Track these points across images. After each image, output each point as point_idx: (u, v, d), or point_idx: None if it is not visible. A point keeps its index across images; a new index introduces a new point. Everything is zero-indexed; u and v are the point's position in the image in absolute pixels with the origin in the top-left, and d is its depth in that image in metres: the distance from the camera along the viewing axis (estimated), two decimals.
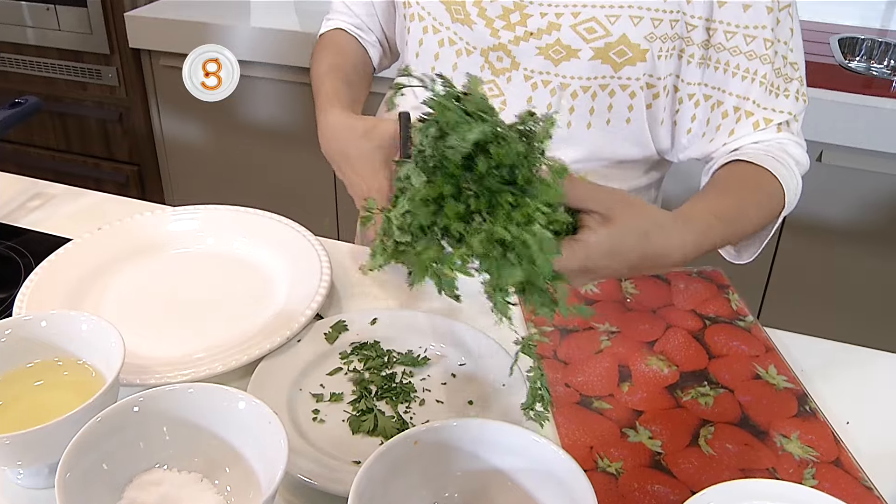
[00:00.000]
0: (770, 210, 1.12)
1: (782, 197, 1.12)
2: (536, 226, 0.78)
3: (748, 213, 1.08)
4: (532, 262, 0.78)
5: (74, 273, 1.19)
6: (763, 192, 1.11)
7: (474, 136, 0.78)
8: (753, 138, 1.18)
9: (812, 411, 1.01)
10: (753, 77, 1.15)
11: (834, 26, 2.64)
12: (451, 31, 1.25)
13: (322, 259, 1.20)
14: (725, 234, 1.03)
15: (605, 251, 0.86)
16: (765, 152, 1.15)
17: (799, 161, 1.18)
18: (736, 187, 1.11)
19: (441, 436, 0.79)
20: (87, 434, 0.75)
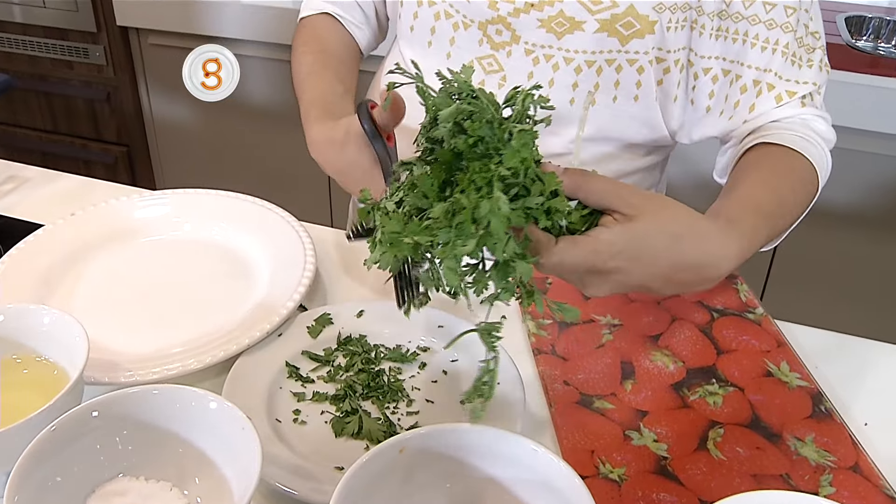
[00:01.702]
0: (806, 195, 1.05)
1: (816, 179, 1.06)
2: (496, 190, 0.70)
3: (787, 203, 1.00)
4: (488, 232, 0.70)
5: (44, 261, 1.13)
6: (797, 176, 1.04)
7: (447, 112, 0.75)
8: (776, 115, 1.12)
9: (828, 412, 0.95)
10: (774, 47, 1.10)
11: (841, 5, 2.60)
12: (447, 4, 1.19)
13: (306, 246, 1.14)
14: (770, 231, 0.94)
15: (618, 251, 0.77)
16: (791, 132, 1.08)
17: (826, 137, 1.12)
18: (770, 176, 1.03)
19: (429, 443, 0.73)
20: (41, 444, 0.69)
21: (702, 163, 1.29)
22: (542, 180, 0.74)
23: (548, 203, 0.74)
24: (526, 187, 0.73)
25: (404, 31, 1.27)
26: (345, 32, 1.33)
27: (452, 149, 0.74)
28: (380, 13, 1.37)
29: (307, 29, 1.32)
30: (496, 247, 0.70)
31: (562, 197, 0.75)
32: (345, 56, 1.29)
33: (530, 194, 0.73)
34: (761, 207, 0.92)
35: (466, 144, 0.74)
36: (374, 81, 1.42)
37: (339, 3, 1.33)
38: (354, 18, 1.34)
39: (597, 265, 0.77)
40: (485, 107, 0.75)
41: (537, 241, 0.75)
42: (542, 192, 0.73)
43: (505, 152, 0.72)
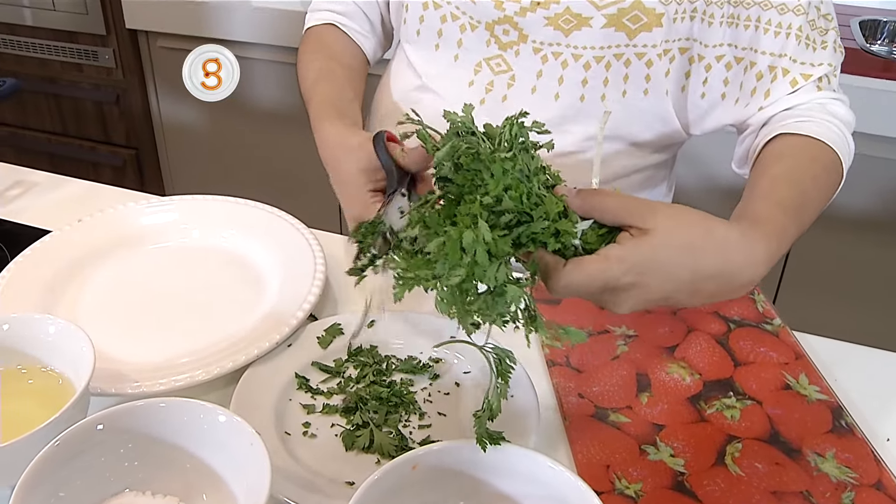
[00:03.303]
0: (831, 184, 1.03)
1: (840, 166, 1.05)
2: (480, 220, 0.71)
3: (811, 195, 0.97)
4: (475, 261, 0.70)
5: (51, 268, 1.12)
6: (820, 165, 1.02)
7: (443, 152, 0.77)
8: (792, 101, 1.11)
9: (849, 427, 0.93)
10: (788, 31, 1.09)
11: (855, 8, 2.58)
12: (453, 6, 1.18)
13: (316, 254, 1.13)
14: (798, 226, 0.91)
15: (630, 267, 0.75)
16: (808, 119, 1.07)
17: (846, 120, 1.10)
18: (792, 170, 1.01)
19: (442, 459, 0.71)
20: (45, 459, 0.68)
21: (711, 162, 1.28)
22: (544, 203, 0.73)
23: (554, 225, 0.74)
24: (528, 213, 0.73)
25: (410, 36, 1.26)
26: (351, 42, 1.32)
27: (457, 185, 0.76)
28: (385, 21, 1.36)
29: (314, 38, 1.32)
30: (484, 274, 0.70)
31: (570, 218, 0.75)
32: (353, 64, 1.28)
33: (534, 220, 0.73)
34: (787, 205, 0.90)
35: (465, 179, 0.75)
36: (380, 87, 1.41)
37: (344, 12, 1.33)
38: (360, 28, 1.33)
39: (609, 283, 0.75)
40: (478, 142, 0.76)
41: (545, 266, 0.75)
42: (545, 215, 0.73)
43: (489, 180, 0.73)
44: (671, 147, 1.30)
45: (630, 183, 1.27)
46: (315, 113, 1.12)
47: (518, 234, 0.73)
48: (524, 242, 0.74)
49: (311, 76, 1.22)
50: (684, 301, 0.79)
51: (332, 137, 1.04)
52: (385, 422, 0.90)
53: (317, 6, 1.36)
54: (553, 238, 0.74)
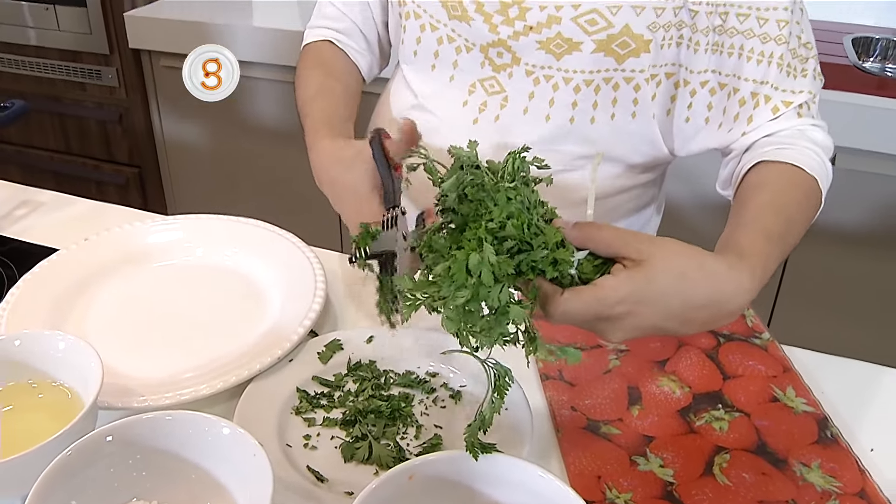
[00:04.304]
0: (811, 208, 1.07)
1: (819, 191, 1.08)
2: (485, 243, 0.75)
3: (794, 220, 1.01)
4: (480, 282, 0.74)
5: (58, 287, 1.15)
6: (801, 191, 1.06)
7: (449, 183, 0.80)
8: (773, 127, 1.14)
9: (834, 437, 0.96)
10: (770, 59, 1.12)
11: (848, 26, 2.63)
12: (449, 28, 1.22)
13: (316, 272, 1.16)
14: (781, 252, 0.95)
15: (624, 297, 0.79)
16: (789, 145, 1.10)
17: (824, 145, 1.13)
18: (775, 197, 1.04)
19: (438, 469, 0.74)
20: (56, 469, 0.71)
21: (702, 178, 1.30)
22: (543, 233, 0.77)
23: (552, 254, 0.78)
24: (529, 242, 0.77)
25: (407, 56, 1.30)
26: (348, 59, 1.36)
27: (461, 215, 0.80)
28: (382, 40, 1.40)
29: (312, 54, 1.36)
30: (489, 294, 0.74)
31: (568, 248, 0.79)
32: (348, 82, 1.32)
33: (534, 249, 0.77)
34: (770, 232, 0.94)
35: (470, 209, 0.79)
36: (379, 105, 1.45)
37: (342, 30, 1.36)
38: (357, 46, 1.37)
39: (603, 312, 0.79)
40: (482, 174, 0.80)
41: (544, 294, 0.79)
42: (544, 244, 0.77)
43: (493, 208, 0.77)
44: (658, 167, 1.33)
45: (619, 202, 1.31)
46: (311, 129, 1.16)
47: (519, 262, 0.77)
48: (524, 270, 0.78)
49: (310, 92, 1.25)
50: (676, 329, 0.83)
51: (327, 154, 1.08)
52: (383, 434, 0.93)
53: (316, 23, 1.40)
54: (551, 266, 0.78)
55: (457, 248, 0.76)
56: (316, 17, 1.40)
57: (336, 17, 1.37)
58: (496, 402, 0.79)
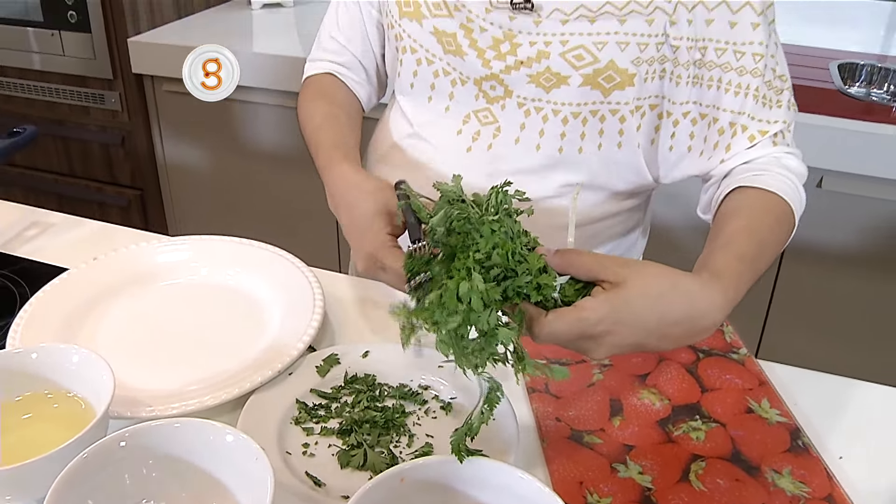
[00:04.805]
0: (784, 232, 1.12)
1: (792, 215, 1.13)
2: (474, 272, 0.81)
3: (767, 243, 1.07)
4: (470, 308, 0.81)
5: (69, 304, 1.19)
6: (774, 216, 1.11)
7: (437, 219, 0.87)
8: (750, 155, 1.19)
9: (805, 446, 1.01)
10: (747, 91, 1.17)
11: (834, 52, 2.67)
12: (445, 62, 1.27)
13: (315, 291, 1.21)
14: (754, 273, 1.01)
15: (603, 317, 0.85)
16: (765, 172, 1.16)
17: (798, 172, 1.18)
18: (749, 221, 1.10)
19: (428, 472, 0.79)
20: (73, 471, 0.76)
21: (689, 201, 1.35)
22: (527, 261, 0.84)
23: (536, 280, 0.84)
24: (514, 269, 0.83)
25: (404, 88, 1.35)
26: (348, 90, 1.42)
27: (450, 246, 0.86)
28: (380, 71, 1.46)
29: (315, 86, 1.41)
30: (479, 319, 0.80)
31: (550, 274, 0.85)
32: (351, 111, 1.37)
33: (519, 275, 0.83)
34: (744, 254, 0.99)
35: (458, 241, 0.85)
36: (377, 132, 1.50)
37: (343, 63, 1.42)
38: (357, 77, 1.43)
39: (586, 331, 0.85)
40: (468, 208, 0.86)
41: (529, 316, 0.85)
42: (528, 270, 0.83)
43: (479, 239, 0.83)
44: (642, 193, 1.38)
45: (604, 227, 1.35)
46: (326, 156, 1.21)
47: (505, 288, 0.83)
48: (510, 296, 0.84)
49: (316, 121, 1.31)
50: (654, 346, 0.89)
51: (347, 179, 1.13)
52: (378, 443, 0.98)
53: (317, 56, 1.45)
54: (535, 291, 0.85)
55: (448, 278, 0.82)
56: (316, 51, 1.45)
57: (337, 51, 1.42)
58: (486, 413, 0.84)
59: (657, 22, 1.15)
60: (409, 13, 1.26)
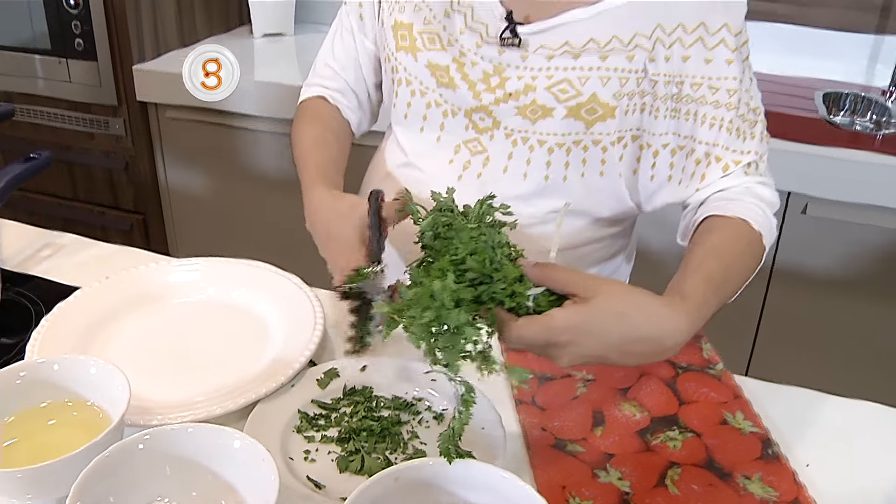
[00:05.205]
0: (753, 258, 1.18)
1: (761, 242, 1.19)
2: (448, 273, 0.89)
3: (735, 268, 1.13)
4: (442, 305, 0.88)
5: (83, 320, 1.25)
6: (743, 243, 1.17)
7: (425, 223, 0.97)
8: (724, 184, 1.25)
9: (775, 454, 1.07)
10: (721, 123, 1.23)
11: (818, 82, 2.73)
12: (437, 94, 1.33)
13: (316, 309, 1.27)
14: (720, 297, 1.07)
15: (568, 327, 0.92)
16: (737, 200, 1.22)
17: (769, 201, 1.24)
18: (718, 246, 1.16)
19: (420, 473, 0.86)
20: (97, 467, 0.82)
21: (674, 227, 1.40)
22: (503, 269, 0.92)
23: (510, 288, 0.91)
24: (489, 276, 0.91)
25: (399, 119, 1.41)
26: (340, 115, 1.49)
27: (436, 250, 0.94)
28: (372, 99, 1.52)
29: (309, 110, 1.48)
30: (449, 316, 0.88)
31: (526, 284, 0.93)
32: (341, 135, 1.45)
33: (494, 282, 0.91)
34: (711, 278, 1.06)
35: (442, 245, 0.93)
36: (374, 159, 1.56)
37: (336, 88, 1.49)
38: (349, 103, 1.50)
39: (551, 339, 0.92)
40: (454, 216, 0.95)
41: (501, 320, 0.93)
42: (503, 278, 0.91)
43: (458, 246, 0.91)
44: (625, 220, 1.44)
45: (587, 251, 1.42)
46: (309, 177, 1.28)
47: (481, 292, 0.91)
48: (485, 300, 0.91)
49: (307, 143, 1.38)
50: (616, 360, 0.96)
51: (324, 202, 1.20)
52: (374, 449, 1.04)
53: (312, 81, 1.52)
54: (509, 298, 0.92)
55: (426, 277, 0.90)
56: (312, 76, 1.52)
57: (331, 77, 1.49)
58: (464, 414, 0.91)
59: (637, 58, 1.21)
60: (405, 46, 1.33)
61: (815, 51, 2.82)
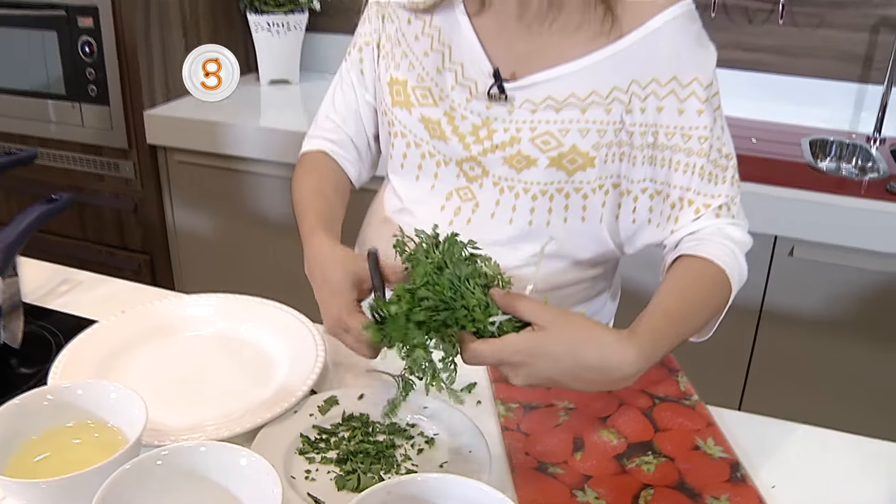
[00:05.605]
0: (719, 296, 1.25)
1: (727, 280, 1.26)
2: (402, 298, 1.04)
3: (697, 305, 1.21)
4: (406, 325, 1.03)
5: (100, 351, 1.34)
6: (708, 282, 1.25)
7: (406, 255, 1.11)
8: (696, 226, 1.32)
9: (742, 477, 1.15)
10: (693, 169, 1.31)
11: (805, 129, 2.82)
12: (430, 146, 1.42)
13: (318, 342, 1.36)
14: (678, 334, 1.15)
15: (517, 351, 1.02)
16: (707, 240, 1.29)
17: (739, 241, 1.32)
18: (683, 284, 1.24)
19: (410, 488, 0.93)
20: (119, 478, 0.91)
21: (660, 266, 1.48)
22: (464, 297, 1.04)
23: (472, 314, 1.04)
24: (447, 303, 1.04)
25: (396, 168, 1.50)
26: (339, 168, 1.57)
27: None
28: (372, 150, 1.61)
29: (309, 162, 1.56)
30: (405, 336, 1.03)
31: (489, 311, 1.05)
32: (339, 187, 1.53)
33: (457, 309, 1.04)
34: (671, 314, 1.15)
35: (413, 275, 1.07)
36: (373, 205, 1.65)
37: (336, 140, 1.57)
38: (349, 155, 1.58)
39: (504, 359, 1.03)
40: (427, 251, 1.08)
41: (461, 340, 1.05)
42: (464, 305, 1.04)
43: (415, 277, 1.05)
44: (607, 262, 1.52)
45: (569, 292, 1.49)
46: (309, 226, 1.36)
47: (445, 317, 1.03)
48: (450, 324, 1.04)
49: (304, 195, 1.45)
50: (569, 384, 1.06)
51: (322, 250, 1.29)
52: (370, 470, 1.13)
53: (314, 133, 1.60)
54: (470, 323, 1.04)
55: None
56: (314, 129, 1.60)
57: (332, 129, 1.57)
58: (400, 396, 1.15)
59: (615, 111, 1.30)
60: (400, 102, 1.42)
61: (801, 99, 2.91)
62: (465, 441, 1.18)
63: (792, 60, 2.89)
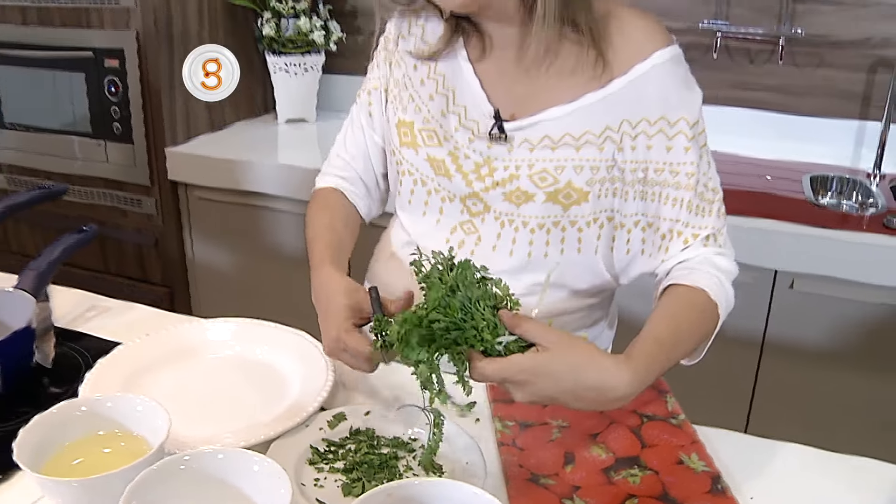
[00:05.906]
0: (707, 322, 1.34)
1: (715, 308, 1.34)
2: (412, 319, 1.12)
3: (686, 332, 1.29)
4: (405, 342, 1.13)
5: (125, 370, 1.43)
6: (696, 310, 1.33)
7: (422, 276, 1.18)
8: (684, 256, 1.40)
9: (722, 489, 1.22)
10: (681, 203, 1.39)
11: (806, 165, 2.88)
12: (436, 183, 1.51)
13: (328, 363, 1.44)
14: (669, 359, 1.24)
15: (522, 370, 1.10)
16: (695, 269, 1.37)
17: (725, 270, 1.39)
18: (673, 312, 1.32)
19: (409, 491, 1.02)
20: (145, 477, 1.00)
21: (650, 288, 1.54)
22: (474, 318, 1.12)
23: (480, 334, 1.12)
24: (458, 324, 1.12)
25: (403, 204, 1.59)
26: (349, 203, 1.66)
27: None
28: (380, 187, 1.70)
29: (322, 199, 1.66)
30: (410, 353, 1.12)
31: (497, 331, 1.13)
32: (349, 222, 1.63)
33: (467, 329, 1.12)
34: (662, 340, 1.24)
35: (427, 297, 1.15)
36: (381, 239, 1.74)
37: (346, 177, 1.67)
38: (358, 191, 1.68)
39: (508, 377, 1.12)
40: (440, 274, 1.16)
41: (470, 358, 1.13)
42: (473, 326, 1.12)
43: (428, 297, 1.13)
44: (603, 292, 1.60)
45: (567, 321, 1.57)
46: (319, 257, 1.45)
47: (455, 337, 1.11)
48: (460, 343, 1.12)
49: (316, 230, 1.55)
50: (569, 403, 1.15)
51: (328, 280, 1.38)
52: (374, 478, 1.21)
53: (326, 170, 1.70)
54: (479, 342, 1.12)
55: None
56: (326, 166, 1.70)
57: (342, 167, 1.67)
58: (437, 434, 1.16)
59: (607, 149, 1.39)
60: (407, 143, 1.51)
61: (802, 136, 2.98)
62: (463, 454, 1.26)
63: (793, 99, 2.96)
